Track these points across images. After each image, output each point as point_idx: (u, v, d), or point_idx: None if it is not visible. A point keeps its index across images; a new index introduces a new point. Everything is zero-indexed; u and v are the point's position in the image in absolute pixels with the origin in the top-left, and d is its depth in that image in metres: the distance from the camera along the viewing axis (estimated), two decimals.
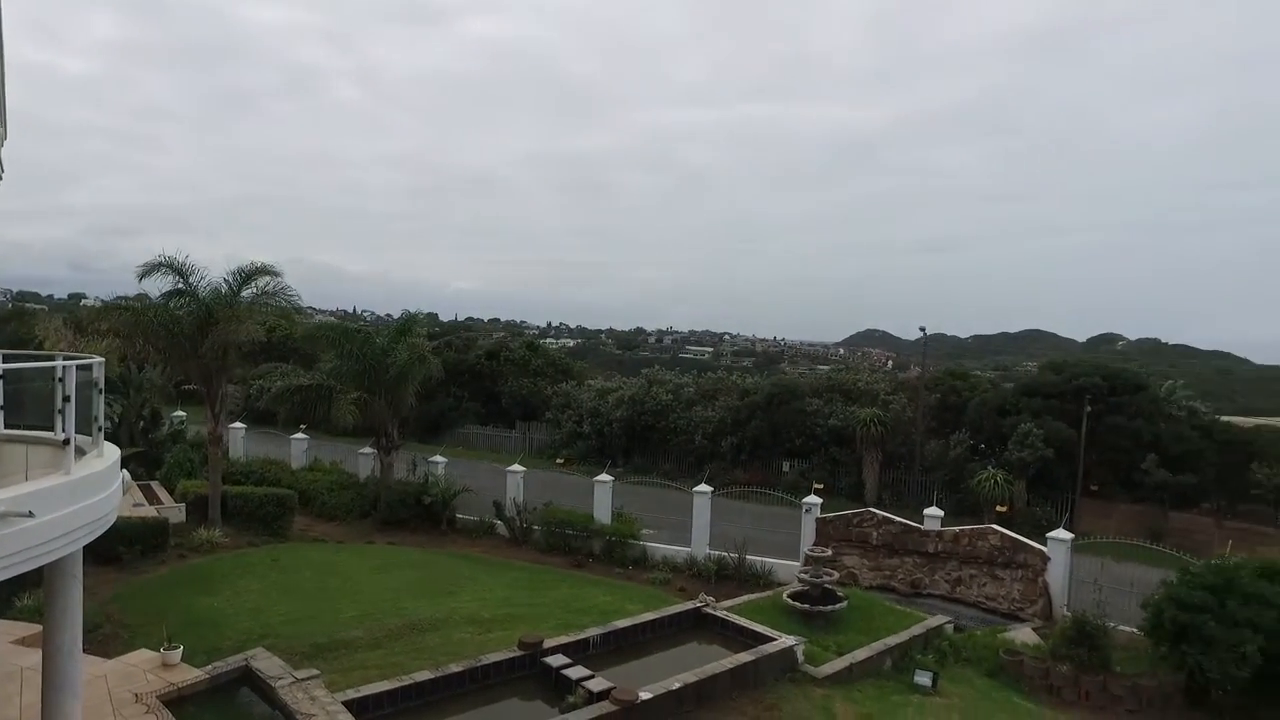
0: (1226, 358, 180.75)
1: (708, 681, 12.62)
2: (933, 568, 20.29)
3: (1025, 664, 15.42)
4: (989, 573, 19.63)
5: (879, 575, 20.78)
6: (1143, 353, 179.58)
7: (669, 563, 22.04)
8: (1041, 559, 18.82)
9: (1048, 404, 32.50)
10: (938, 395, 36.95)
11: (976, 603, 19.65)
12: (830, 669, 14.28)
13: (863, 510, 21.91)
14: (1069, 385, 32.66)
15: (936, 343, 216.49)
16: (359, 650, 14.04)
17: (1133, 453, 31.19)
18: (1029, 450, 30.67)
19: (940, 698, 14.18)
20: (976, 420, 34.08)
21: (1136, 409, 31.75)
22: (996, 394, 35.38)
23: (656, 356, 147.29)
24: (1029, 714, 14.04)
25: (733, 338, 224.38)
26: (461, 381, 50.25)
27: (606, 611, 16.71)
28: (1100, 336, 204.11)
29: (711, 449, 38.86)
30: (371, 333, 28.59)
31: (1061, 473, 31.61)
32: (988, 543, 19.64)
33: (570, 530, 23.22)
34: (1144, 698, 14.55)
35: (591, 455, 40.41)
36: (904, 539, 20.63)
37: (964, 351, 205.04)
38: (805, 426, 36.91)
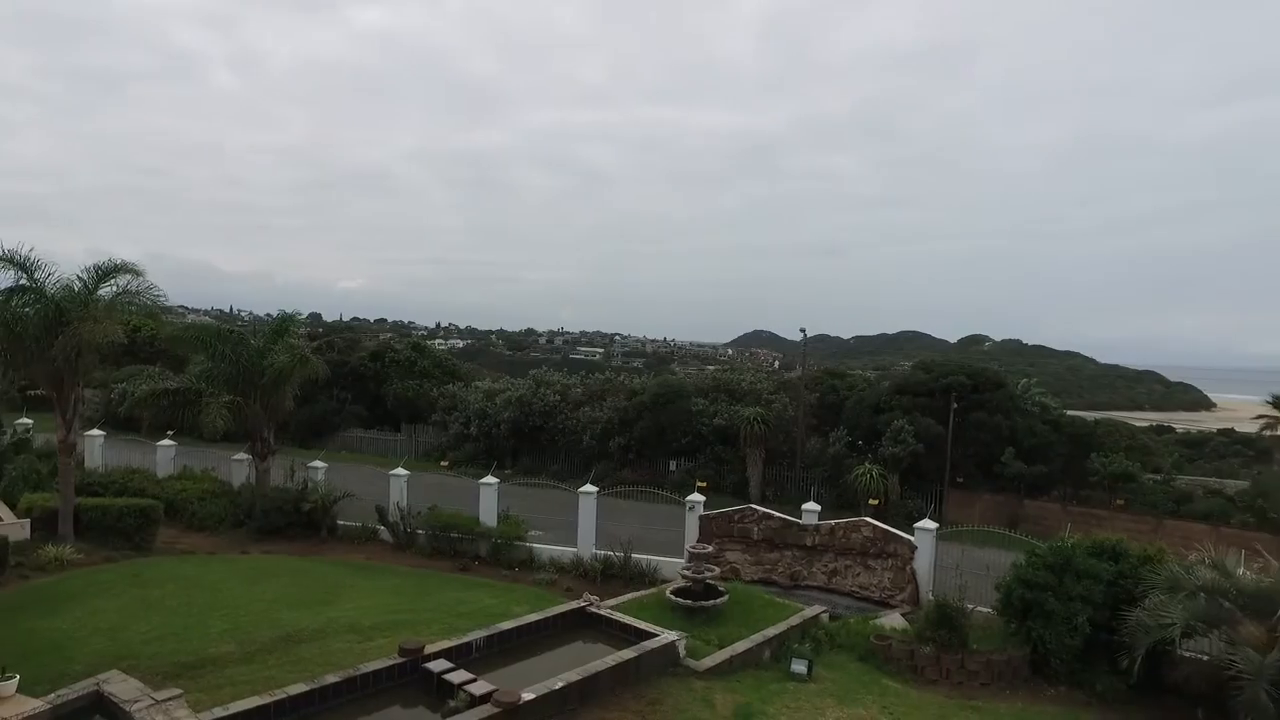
0: (1076, 357, 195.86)
1: (590, 680, 12.76)
2: (811, 560, 21.16)
3: (893, 647, 16.29)
4: (862, 563, 20.64)
5: (760, 569, 21.50)
6: (1006, 352, 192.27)
7: (556, 563, 22.11)
8: (909, 548, 19.95)
9: (918, 401, 34.42)
10: (817, 394, 38.49)
11: (851, 592, 20.61)
12: (711, 662, 14.70)
13: (744, 507, 22.61)
14: (938, 384, 34.69)
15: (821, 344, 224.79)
16: (229, 666, 13.47)
17: (993, 446, 33.46)
18: (902, 446, 32.40)
19: (815, 683, 14.80)
20: (854, 418, 35.70)
21: (996, 405, 34.07)
22: (872, 392, 37.19)
23: (547, 358, 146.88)
24: (894, 693, 14.83)
25: (623, 339, 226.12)
26: (345, 384, 48.76)
27: (492, 614, 16.65)
28: (970, 337, 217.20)
29: (600, 449, 39.14)
30: (246, 334, 27.38)
31: (931, 466, 33.55)
32: (860, 534, 20.66)
33: (456, 533, 22.95)
34: (995, 671, 15.65)
35: (479, 457, 40.00)
36: (784, 533, 21.43)
37: (847, 352, 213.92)
38: (691, 426, 37.72)
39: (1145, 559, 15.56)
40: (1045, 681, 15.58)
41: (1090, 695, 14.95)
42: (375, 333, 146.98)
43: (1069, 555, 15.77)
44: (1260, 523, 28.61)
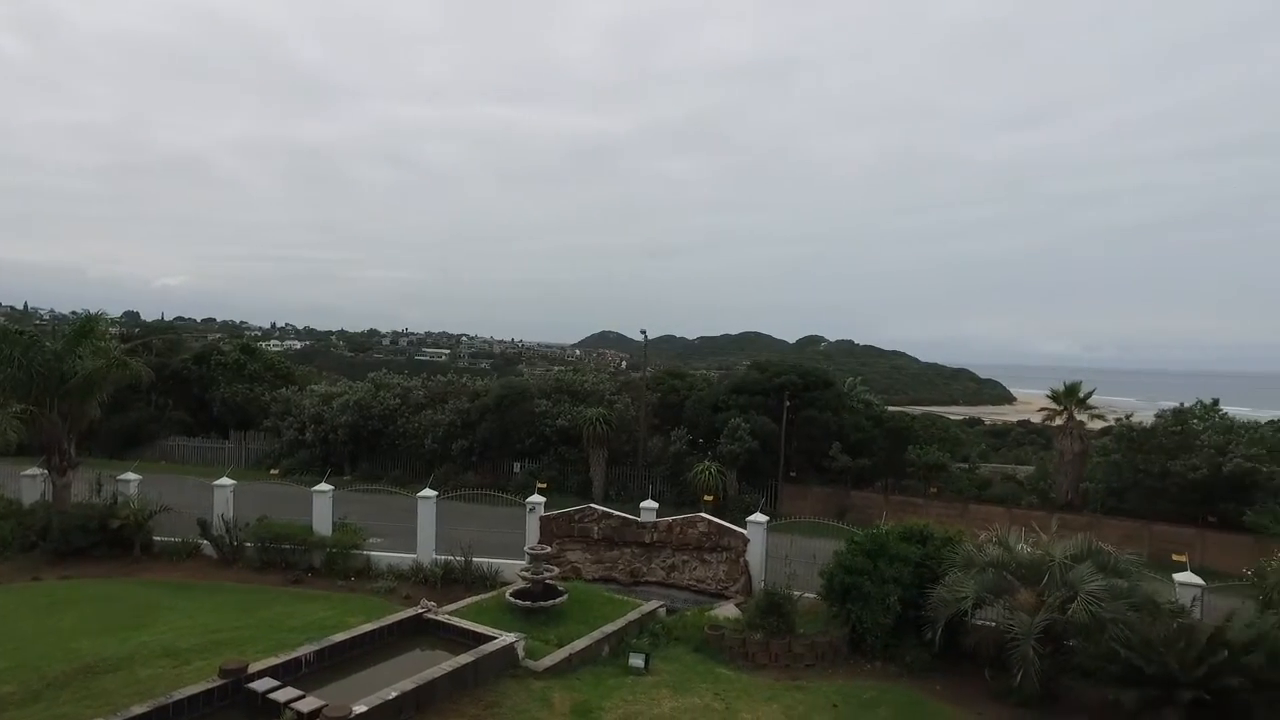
0: (902, 356, 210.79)
1: (426, 687, 12.62)
2: (650, 557, 21.76)
3: (726, 636, 17.06)
4: (699, 557, 21.44)
5: (601, 567, 21.88)
6: (840, 352, 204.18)
7: (394, 571, 21.57)
8: (742, 541, 20.92)
9: (754, 400, 36.07)
10: (659, 394, 39.51)
11: (689, 585, 21.35)
12: (550, 661, 14.87)
13: (584, 506, 22.91)
14: (772, 383, 36.49)
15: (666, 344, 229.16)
16: (8, 709, 12.23)
17: (823, 441, 35.58)
18: (739, 443, 33.82)
19: (652, 676, 15.29)
20: (694, 417, 36.92)
21: (826, 403, 36.25)
22: (711, 392, 38.60)
23: (391, 359, 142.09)
24: (727, 680, 15.55)
25: (470, 339, 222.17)
26: (165, 389, 45.21)
27: (325, 627, 16.08)
28: (807, 338, 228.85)
29: (442, 452, 38.43)
30: (42, 335, 24.89)
31: (767, 461, 35.23)
32: (696, 530, 21.46)
33: (287, 545, 21.91)
34: (819, 652, 16.73)
35: (315, 464, 38.28)
36: (623, 531, 21.92)
37: (691, 352, 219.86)
38: (535, 427, 37.76)
39: (947, 541, 17.13)
40: (863, 658, 16.81)
41: (901, 667, 16.27)
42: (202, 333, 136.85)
43: (883, 541, 17.12)
44: (1043, 502, 32.05)
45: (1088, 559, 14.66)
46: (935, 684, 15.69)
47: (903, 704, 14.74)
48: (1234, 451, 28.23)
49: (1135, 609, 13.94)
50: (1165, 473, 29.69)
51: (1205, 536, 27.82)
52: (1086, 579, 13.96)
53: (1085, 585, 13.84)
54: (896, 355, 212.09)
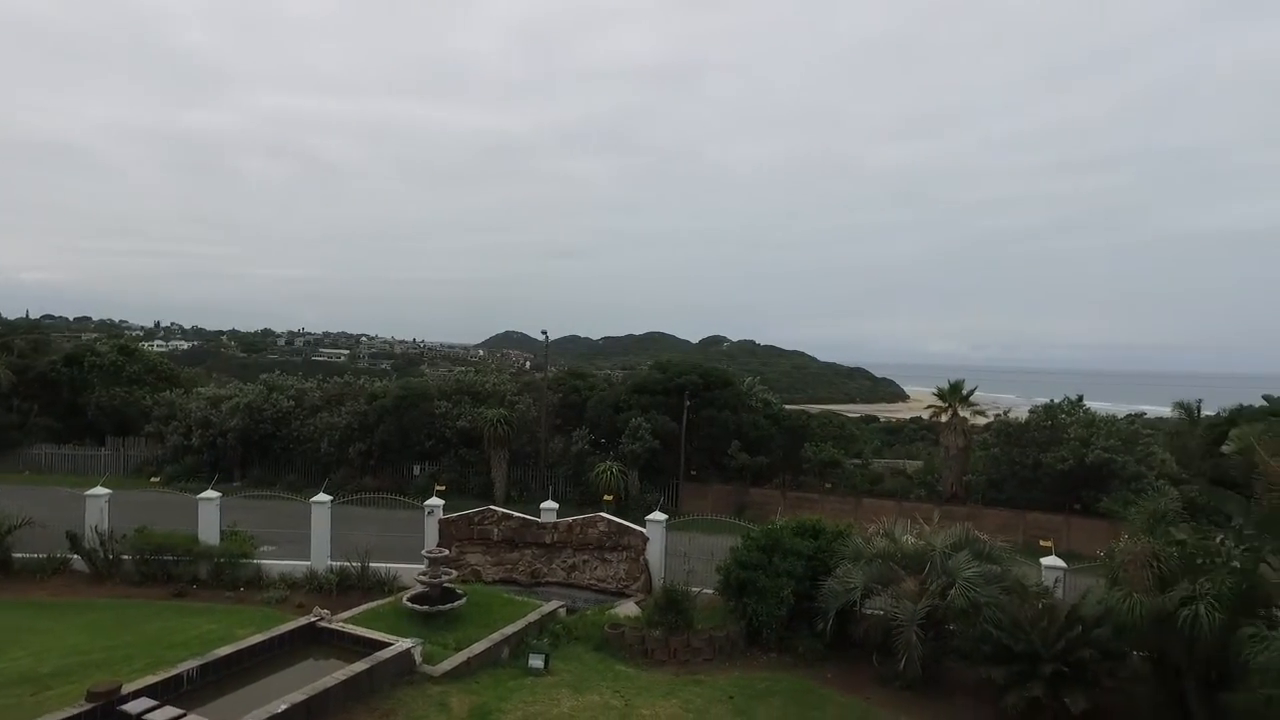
0: (802, 356, 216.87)
1: (319, 698, 12.31)
2: (550, 557, 21.77)
3: (626, 634, 17.26)
4: (599, 556, 21.58)
5: (501, 569, 21.76)
6: (743, 352, 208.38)
7: (287, 579, 20.85)
8: (642, 540, 21.18)
9: (655, 400, 36.48)
10: (560, 395, 39.50)
11: (590, 585, 21.47)
12: (449, 665, 14.73)
13: (484, 508, 22.74)
14: (673, 383, 36.99)
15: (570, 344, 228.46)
16: None
17: (722, 440, 36.30)
18: (640, 443, 34.16)
19: (552, 676, 15.34)
20: (596, 417, 37.07)
21: (725, 402, 37.00)
22: (612, 392, 38.82)
23: (287, 360, 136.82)
24: (626, 677, 15.75)
25: (370, 340, 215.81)
26: (30, 392, 42.27)
27: (210, 640, 15.45)
28: (710, 338, 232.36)
29: (339, 456, 37.37)
30: None
31: (668, 460, 35.71)
32: (597, 529, 21.60)
33: (170, 556, 20.85)
34: (717, 646, 17.13)
35: (202, 470, 36.55)
36: (523, 532, 21.86)
37: (596, 352, 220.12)
38: (435, 429, 37.18)
39: (838, 535, 17.82)
40: (759, 650, 17.31)
41: (795, 657, 16.85)
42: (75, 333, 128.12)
43: (777, 536, 17.67)
44: (930, 495, 33.68)
45: (965, 548, 15.55)
46: (827, 672, 16.32)
47: (795, 692, 15.28)
48: (1095, 444, 30.43)
49: (1007, 592, 14.90)
50: (1037, 464, 31.70)
51: (1071, 522, 29.85)
52: (964, 567, 14.82)
53: (963, 573, 14.69)
54: (797, 355, 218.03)
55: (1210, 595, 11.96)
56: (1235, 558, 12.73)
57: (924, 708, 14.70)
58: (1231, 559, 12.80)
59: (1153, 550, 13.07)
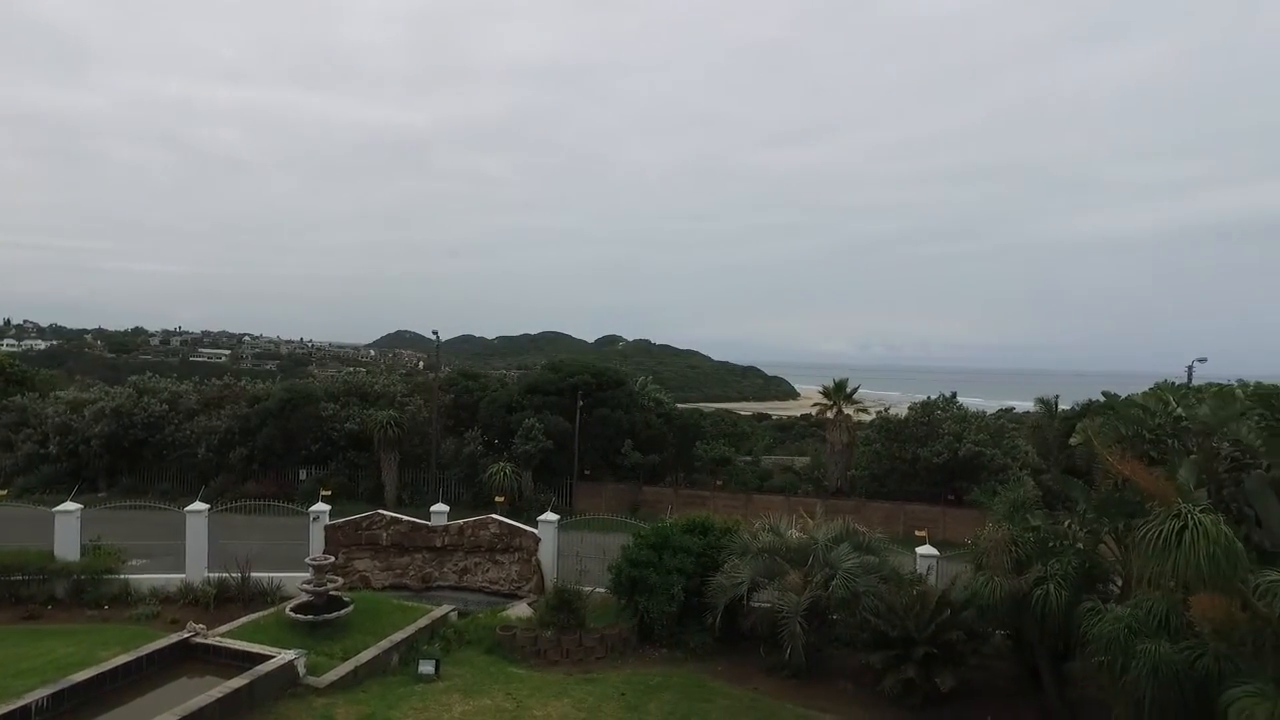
0: (696, 355, 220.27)
1: (191, 718, 11.77)
2: (441, 561, 21.47)
3: (518, 636, 17.23)
4: (491, 558, 21.45)
5: (391, 575, 21.30)
6: (638, 351, 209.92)
7: (159, 594, 19.73)
8: (534, 541, 21.17)
9: (548, 400, 36.44)
10: (452, 395, 38.89)
11: (482, 588, 21.31)
12: (334, 676, 14.35)
13: (372, 513, 22.21)
14: (566, 383, 37.01)
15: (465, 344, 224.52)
16: None
17: (616, 439, 36.58)
18: (533, 443, 34.05)
19: (443, 681, 15.16)
20: (488, 418, 36.71)
21: (618, 402, 37.28)
22: (505, 392, 38.49)
23: (161, 361, 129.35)
24: (519, 679, 15.73)
25: (254, 339, 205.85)
26: None
27: (67, 665, 14.42)
28: (606, 337, 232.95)
29: (218, 462, 35.62)
30: None
31: (562, 460, 35.71)
32: (489, 531, 21.46)
33: (19, 575, 19.33)
34: (609, 644, 17.33)
35: (62, 481, 34.02)
36: (413, 536, 21.47)
37: (491, 352, 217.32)
38: (322, 432, 35.99)
39: (726, 531, 18.30)
40: (652, 646, 17.60)
41: (686, 652, 17.22)
42: None
43: (667, 534, 18.00)
44: (817, 490, 34.94)
45: (846, 540, 16.27)
46: (717, 665, 16.77)
47: (686, 686, 15.63)
48: (967, 438, 32.34)
49: (884, 581, 15.69)
50: (916, 459, 33.40)
51: (947, 512, 31.60)
52: (844, 559, 15.51)
53: (843, 564, 15.37)
54: (691, 354, 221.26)
55: (1058, 575, 12.99)
56: (1079, 539, 13.87)
57: (808, 694, 15.31)
58: (1076, 541, 13.93)
59: (1011, 537, 14.06)
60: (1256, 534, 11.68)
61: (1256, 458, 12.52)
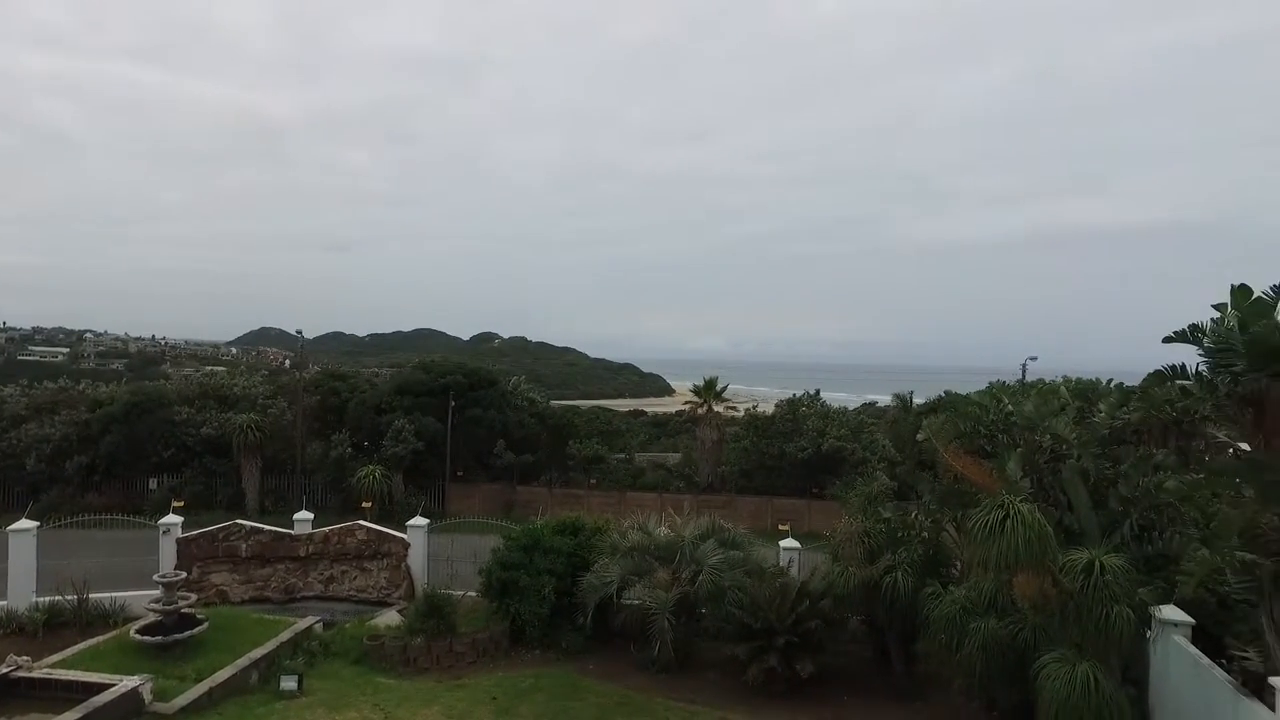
0: (573, 353, 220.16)
1: None
2: (306, 570, 20.71)
3: (386, 645, 16.85)
4: (359, 566, 20.86)
5: (252, 588, 20.36)
6: (514, 349, 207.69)
7: None
8: (403, 546, 20.75)
9: (419, 401, 35.72)
10: (318, 397, 37.46)
11: (349, 596, 20.69)
12: (186, 699, 13.60)
13: (230, 523, 21.15)
14: (437, 383, 36.37)
15: (335, 341, 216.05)
16: None
17: (489, 440, 36.28)
18: (404, 445, 33.30)
19: (307, 696, 14.66)
20: (357, 419, 35.63)
21: (491, 402, 36.98)
22: (374, 393, 37.44)
23: None
24: (387, 689, 15.41)
25: (98, 336, 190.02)
26: None
27: None
28: (481, 335, 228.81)
29: (52, 473, 32.91)
30: None
31: (434, 462, 35.08)
32: (356, 538, 20.87)
33: None
34: (480, 649, 17.22)
35: None
36: (275, 547, 20.61)
37: (362, 349, 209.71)
38: (175, 437, 33.88)
39: (597, 530, 18.55)
40: (524, 648, 17.60)
41: (559, 652, 17.34)
42: None
43: (538, 536, 18.06)
44: (689, 486, 35.85)
45: (712, 537, 16.85)
46: (590, 663, 16.97)
47: (558, 686, 15.75)
48: (829, 434, 34.01)
49: (748, 575, 16.34)
50: (782, 454, 34.77)
51: (812, 506, 33.07)
52: (710, 554, 16.06)
53: (709, 560, 15.92)
54: (568, 352, 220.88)
55: (905, 563, 13.99)
56: (925, 529, 14.95)
57: (677, 688, 15.73)
58: (922, 530, 15.02)
59: (865, 529, 15.00)
60: (1068, 518, 13.00)
61: (1071, 449, 13.89)
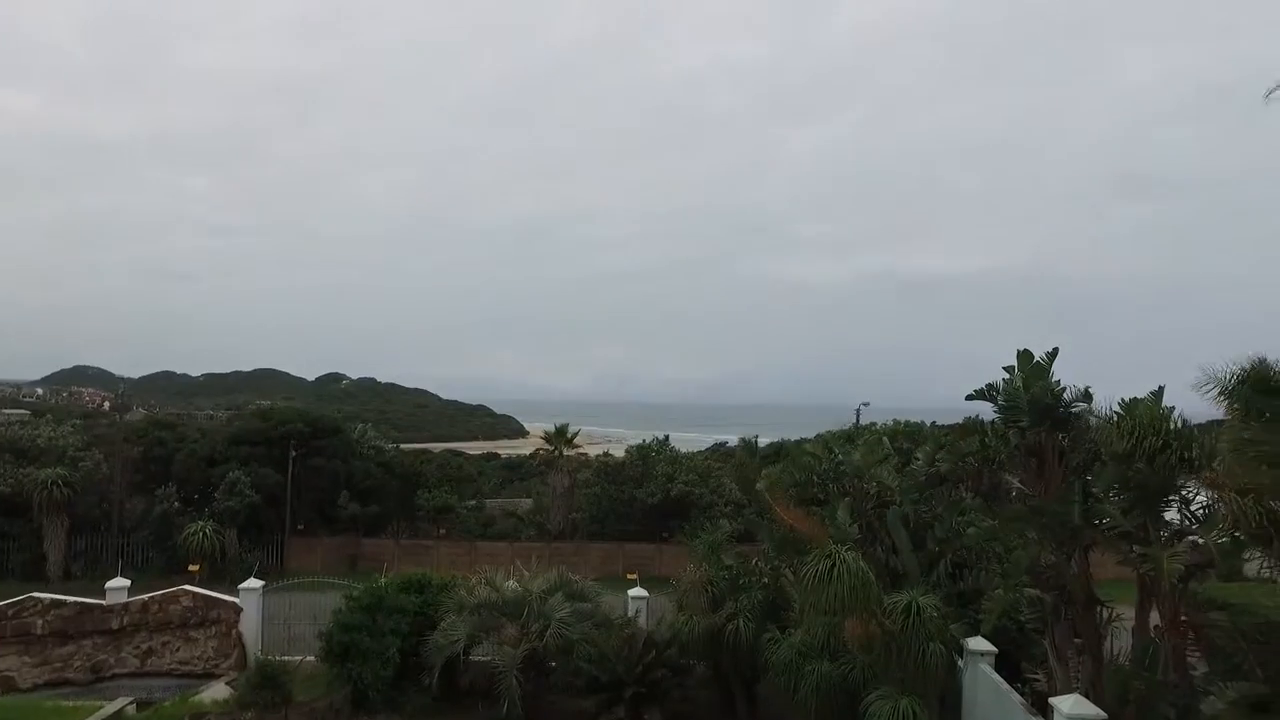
0: (424, 394, 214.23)
1: None
2: (119, 645, 18.94)
3: None
4: (183, 636, 19.34)
5: (48, 670, 18.33)
6: (363, 391, 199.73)
7: None
8: (235, 611, 19.45)
9: (257, 451, 33.74)
10: (141, 448, 34.58)
11: (171, 670, 19.13)
12: None
13: (23, 598, 19.03)
14: (277, 431, 34.51)
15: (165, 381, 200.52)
16: None
17: (332, 491, 34.71)
18: (238, 498, 31.29)
19: None
20: (185, 472, 33.22)
21: (335, 451, 35.43)
22: (207, 443, 35.02)
23: None
24: None
25: None
26: None
27: None
28: (328, 375, 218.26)
29: None
30: None
31: (272, 516, 33.13)
32: (180, 605, 19.35)
33: None
34: (319, 718, 16.36)
35: None
36: (81, 620, 18.73)
37: (196, 390, 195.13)
38: None
39: (444, 587, 18.10)
40: (366, 714, 16.81)
41: (404, 716, 16.69)
42: None
43: (381, 595, 17.43)
44: (540, 534, 35.65)
45: (560, 589, 16.84)
46: None
47: None
48: (678, 479, 34.83)
49: (597, 627, 16.45)
50: (633, 499, 35.24)
51: (662, 550, 33.60)
52: (558, 608, 16.04)
53: (557, 614, 15.89)
54: (419, 393, 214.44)
55: (747, 610, 14.57)
56: (765, 575, 15.64)
57: None
58: (763, 576, 15.70)
59: (708, 577, 15.52)
60: (894, 560, 14.02)
61: (894, 495, 15.01)
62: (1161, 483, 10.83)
